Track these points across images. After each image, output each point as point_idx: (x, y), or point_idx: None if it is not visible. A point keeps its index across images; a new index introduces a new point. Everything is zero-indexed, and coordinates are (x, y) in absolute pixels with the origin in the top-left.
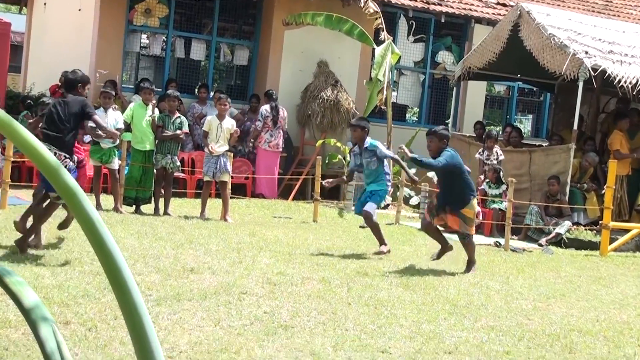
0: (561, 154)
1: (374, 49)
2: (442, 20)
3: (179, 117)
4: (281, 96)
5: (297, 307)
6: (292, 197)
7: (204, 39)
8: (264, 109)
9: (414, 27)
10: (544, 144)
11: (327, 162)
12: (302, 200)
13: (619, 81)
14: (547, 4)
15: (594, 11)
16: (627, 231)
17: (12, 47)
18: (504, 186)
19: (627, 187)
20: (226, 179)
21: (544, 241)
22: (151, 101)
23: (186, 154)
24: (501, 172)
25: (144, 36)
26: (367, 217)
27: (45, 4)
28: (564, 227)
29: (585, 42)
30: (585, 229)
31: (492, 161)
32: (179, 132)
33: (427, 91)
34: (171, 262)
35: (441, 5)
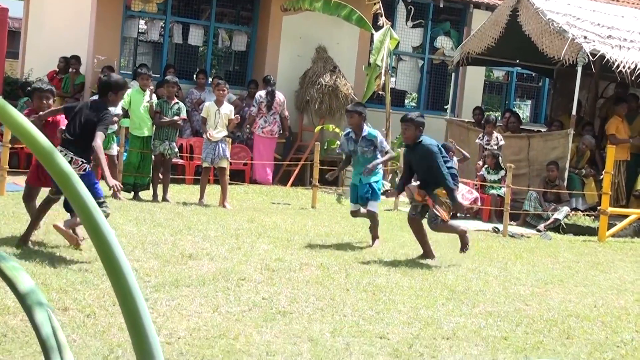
0: (560, 139)
1: (372, 35)
2: (441, 5)
3: (177, 103)
4: (279, 82)
5: (296, 293)
6: (290, 183)
7: (202, 24)
8: (258, 95)
9: (412, 12)
10: (543, 130)
11: (325, 148)
12: (301, 186)
13: (618, 66)
14: None
15: None
16: (625, 217)
17: (9, 33)
18: (503, 172)
19: (625, 173)
20: (225, 165)
21: (542, 227)
22: (148, 87)
23: (184, 140)
24: (500, 157)
25: (141, 22)
26: (374, 216)
27: None
28: (562, 213)
29: (584, 27)
30: (583, 215)
31: (492, 146)
32: (176, 118)
33: (425, 77)
34: (169, 249)
35: None
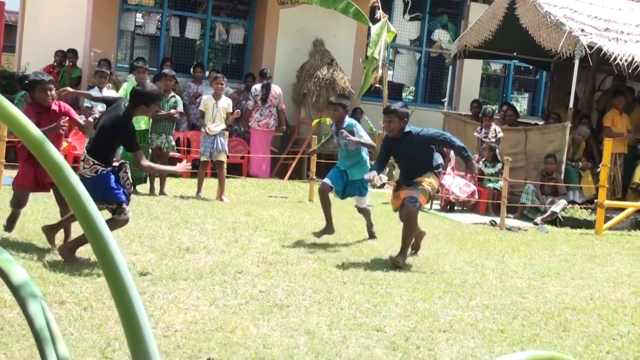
0: (557, 132)
1: (369, 28)
2: None
3: (174, 96)
4: (277, 75)
5: (293, 286)
6: (288, 176)
7: (199, 17)
8: (253, 88)
9: (409, 5)
10: (540, 123)
11: (322, 141)
12: (298, 179)
13: (615, 59)
14: None
15: None
16: (622, 210)
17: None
18: (500, 165)
19: (622, 166)
20: (223, 158)
21: (539, 220)
22: (144, 79)
23: (181, 134)
24: (497, 150)
25: (138, 15)
26: (367, 211)
27: None
28: (559, 206)
29: (581, 19)
30: (580, 208)
31: (490, 139)
32: (173, 111)
33: (423, 70)
34: (167, 242)
35: None
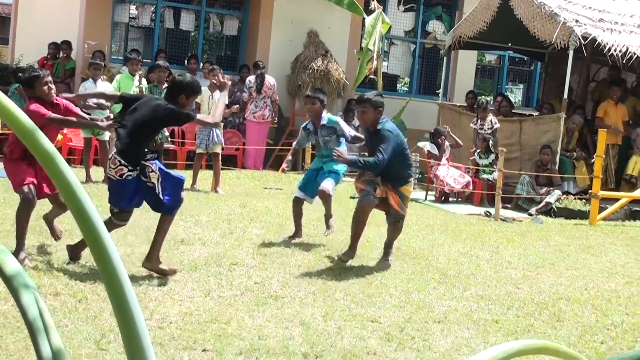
0: (551, 123)
1: (364, 19)
2: None
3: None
4: (271, 67)
5: (287, 278)
6: (282, 168)
7: (193, 9)
8: (247, 80)
9: None
10: (535, 114)
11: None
12: (293, 171)
13: (609, 49)
14: None
15: None
16: (616, 200)
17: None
18: (493, 156)
19: (617, 157)
20: (218, 150)
21: (533, 210)
22: (138, 72)
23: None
24: (490, 141)
25: (132, 7)
26: (329, 198)
27: None
28: (553, 197)
29: (575, 10)
30: (574, 198)
31: (485, 130)
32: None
33: (417, 61)
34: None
35: None
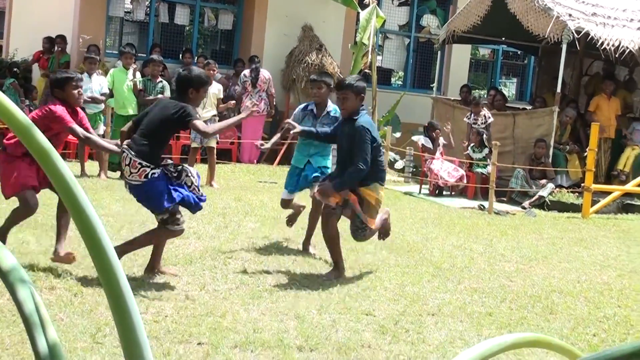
0: (545, 117)
1: (358, 13)
2: None
3: (161, 81)
4: (266, 61)
5: (283, 271)
6: (277, 162)
7: (187, 3)
8: (242, 74)
9: None
10: (528, 108)
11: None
12: (287, 165)
13: (602, 43)
14: None
15: None
16: (608, 193)
17: None
18: (487, 150)
19: (609, 150)
20: (213, 144)
21: (527, 204)
22: (131, 65)
23: None
24: (484, 135)
25: (127, 1)
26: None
27: None
28: (546, 190)
29: (568, 4)
30: (567, 192)
31: (479, 125)
32: (160, 96)
33: (411, 55)
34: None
35: None
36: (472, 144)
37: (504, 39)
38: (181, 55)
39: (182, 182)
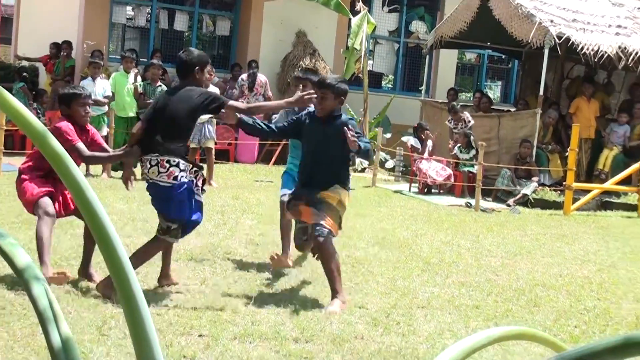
0: (528, 118)
1: (350, 19)
2: None
3: (161, 85)
4: (262, 65)
5: (279, 267)
6: (273, 161)
7: (186, 10)
8: (240, 78)
9: None
10: (512, 109)
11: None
12: (283, 164)
13: (582, 48)
14: None
15: None
16: (588, 191)
17: (3, 20)
18: (474, 150)
19: (590, 151)
20: (211, 145)
21: (511, 202)
22: (131, 69)
23: None
24: (472, 137)
25: (129, 8)
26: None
27: None
28: (530, 188)
29: (550, 11)
30: (550, 190)
31: (459, 129)
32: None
33: (401, 59)
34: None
35: None
36: (459, 145)
37: (489, 44)
38: None
39: (197, 186)
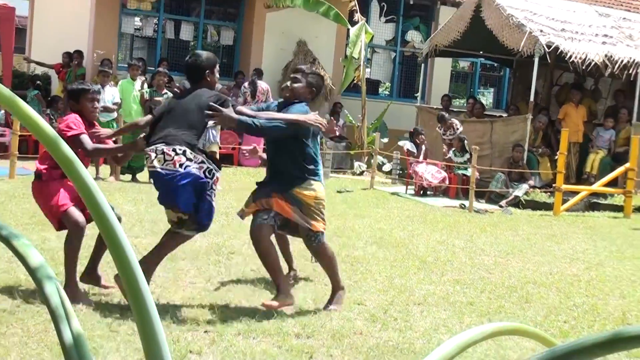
0: (519, 123)
1: (348, 29)
2: (411, 2)
3: (166, 92)
4: (264, 73)
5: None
6: None
7: (192, 21)
8: (242, 86)
9: (385, 8)
10: (504, 115)
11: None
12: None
13: (570, 56)
14: None
15: None
16: (577, 193)
17: (16, 30)
18: (468, 155)
19: (577, 154)
20: (215, 149)
21: (504, 203)
22: (137, 76)
23: None
24: (465, 141)
25: (137, 19)
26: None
27: None
28: (521, 190)
29: (540, 21)
30: (540, 191)
31: (448, 136)
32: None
33: (397, 67)
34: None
35: None
36: (454, 149)
37: (481, 52)
38: None
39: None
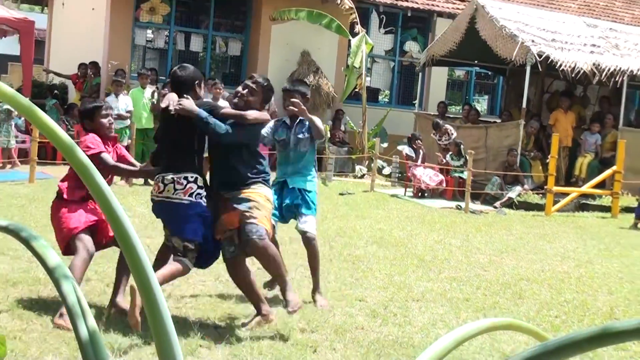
0: (512, 129)
1: (349, 40)
2: (409, 14)
3: None
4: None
5: (286, 264)
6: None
7: (201, 33)
8: None
9: (384, 20)
10: (498, 121)
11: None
12: None
13: (560, 65)
14: None
15: (539, 5)
16: (567, 194)
17: (35, 42)
18: (463, 159)
19: (567, 157)
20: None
21: (498, 204)
22: (147, 85)
23: None
24: (462, 146)
25: (149, 31)
26: (313, 246)
27: (63, 4)
28: (515, 192)
29: (531, 32)
30: (533, 193)
31: (442, 141)
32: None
33: (396, 76)
34: None
35: (407, 1)
36: (450, 153)
37: (476, 61)
38: None
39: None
